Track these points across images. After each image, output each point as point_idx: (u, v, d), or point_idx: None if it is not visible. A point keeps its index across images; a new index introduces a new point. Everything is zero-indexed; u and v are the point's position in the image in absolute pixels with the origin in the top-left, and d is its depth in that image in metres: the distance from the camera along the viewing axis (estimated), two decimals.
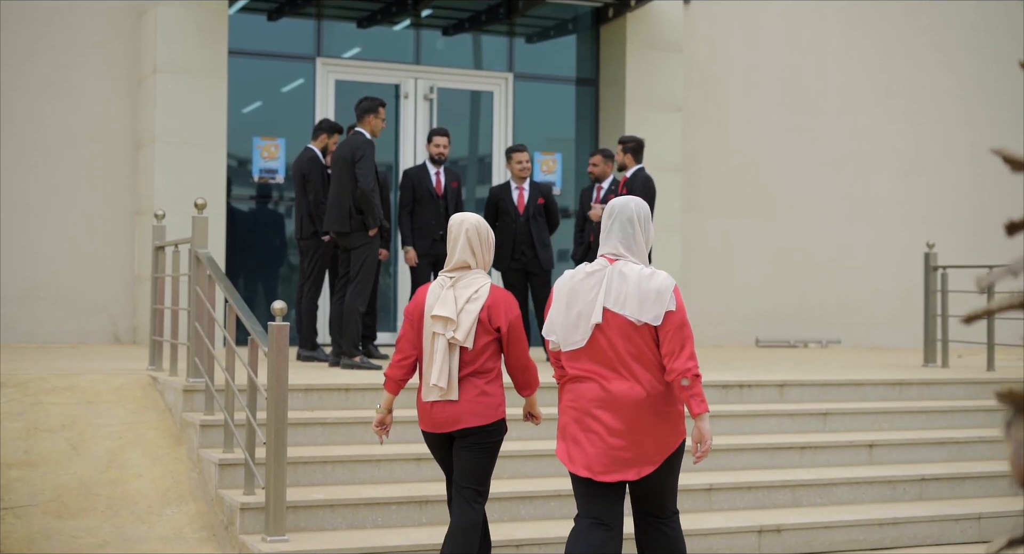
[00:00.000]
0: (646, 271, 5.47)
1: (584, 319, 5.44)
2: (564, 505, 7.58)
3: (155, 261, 9.45)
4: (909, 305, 16.10)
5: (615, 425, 5.38)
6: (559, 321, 5.52)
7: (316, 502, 7.19)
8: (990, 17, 17.30)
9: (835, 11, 16.42)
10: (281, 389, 6.73)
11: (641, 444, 5.38)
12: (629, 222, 5.55)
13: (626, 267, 5.47)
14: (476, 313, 5.83)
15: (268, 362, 6.75)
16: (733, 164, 15.84)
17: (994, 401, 10.18)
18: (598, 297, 5.43)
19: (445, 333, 5.83)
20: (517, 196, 11.47)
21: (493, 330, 5.87)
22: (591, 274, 5.52)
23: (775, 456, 8.73)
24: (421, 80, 14.12)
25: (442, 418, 5.88)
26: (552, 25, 14.92)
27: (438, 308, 5.85)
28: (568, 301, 5.51)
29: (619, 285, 5.43)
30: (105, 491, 7.46)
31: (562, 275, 5.66)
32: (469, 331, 5.82)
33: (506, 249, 11.38)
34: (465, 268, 5.96)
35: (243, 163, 13.53)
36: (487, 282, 5.95)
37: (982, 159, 17.15)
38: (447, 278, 5.98)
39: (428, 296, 5.96)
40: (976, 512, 8.31)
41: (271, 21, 13.62)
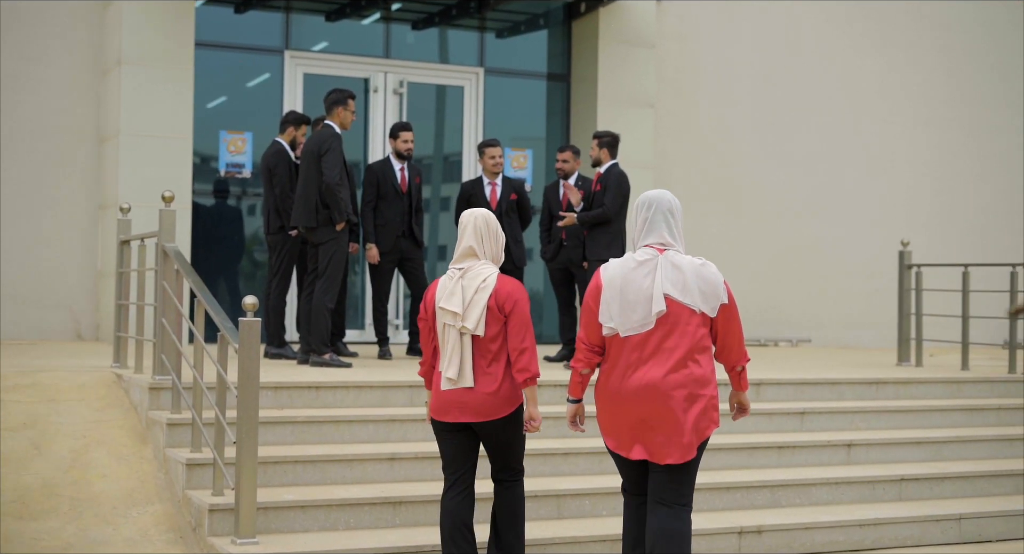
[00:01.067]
0: (696, 261, 5.74)
1: (641, 306, 5.64)
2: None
3: (120, 256, 9.24)
4: (879, 304, 16.05)
5: (653, 409, 5.60)
6: (616, 308, 5.69)
7: (287, 503, 7.00)
8: (959, 17, 17.25)
9: (807, 9, 16.33)
10: (252, 387, 6.54)
11: (686, 430, 5.62)
12: (670, 212, 5.80)
13: (676, 257, 5.72)
14: (485, 302, 6.03)
15: (239, 359, 6.55)
16: (703, 162, 15.72)
17: (972, 400, 10.11)
18: (655, 285, 5.64)
19: (455, 324, 6.03)
20: (490, 192, 11.29)
21: (503, 317, 6.05)
22: (642, 263, 5.72)
23: (753, 456, 8.60)
24: (391, 74, 13.92)
25: (460, 407, 6.06)
26: (523, 20, 14.75)
27: (445, 301, 6.07)
28: (623, 289, 5.69)
29: (675, 275, 5.68)
30: (68, 492, 7.24)
31: (607, 264, 5.82)
32: (479, 320, 6.01)
33: None
34: (472, 257, 6.16)
35: (209, 157, 13.27)
36: (494, 271, 6.13)
37: (950, 158, 17.11)
38: (456, 270, 6.16)
39: (438, 290, 6.16)
40: (956, 513, 8.21)
41: (238, 13, 13.38)
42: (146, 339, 8.64)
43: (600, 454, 8.09)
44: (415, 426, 8.16)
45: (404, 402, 8.54)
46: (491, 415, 6.07)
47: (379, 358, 11.07)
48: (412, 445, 7.95)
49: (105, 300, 12.52)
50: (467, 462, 6.26)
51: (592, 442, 8.26)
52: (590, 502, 7.71)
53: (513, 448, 6.25)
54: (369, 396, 8.50)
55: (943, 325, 12.83)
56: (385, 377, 8.81)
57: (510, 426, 6.15)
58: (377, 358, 11.07)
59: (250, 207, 13.55)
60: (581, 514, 7.66)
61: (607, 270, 5.80)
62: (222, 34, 13.27)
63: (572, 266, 10.96)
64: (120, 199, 12.30)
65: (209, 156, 13.25)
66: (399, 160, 11.22)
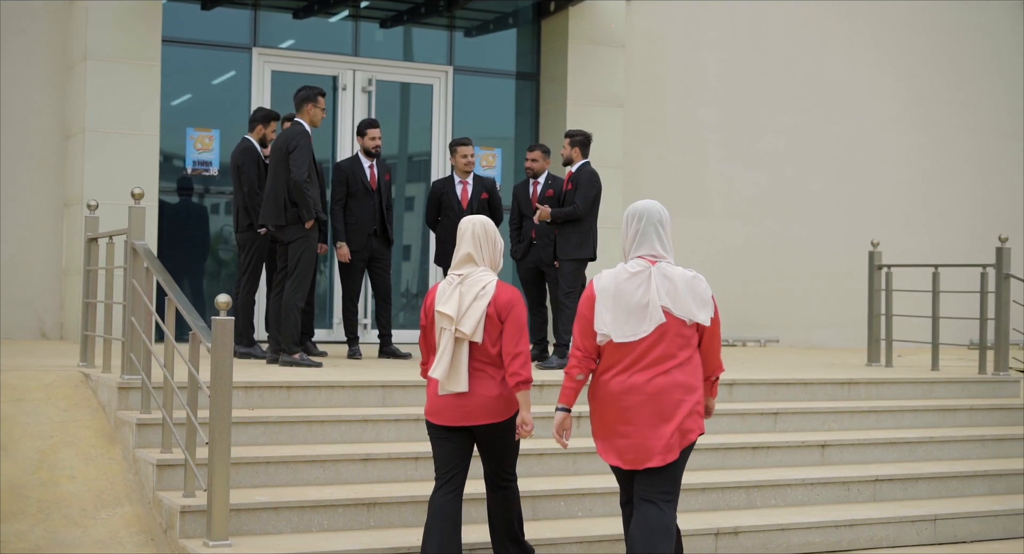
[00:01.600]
0: (688, 273, 5.91)
1: (636, 315, 5.81)
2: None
3: (87, 253, 9.11)
4: (846, 304, 16.08)
5: (640, 413, 5.77)
6: (609, 318, 5.84)
7: (259, 504, 6.90)
8: (926, 18, 17.30)
9: (774, 10, 16.33)
10: (225, 386, 6.43)
11: (670, 432, 5.76)
12: (660, 224, 5.96)
13: (668, 269, 5.90)
14: (483, 309, 6.09)
15: (212, 358, 6.44)
16: (672, 162, 15.70)
17: (943, 401, 10.11)
18: (651, 296, 5.82)
19: (450, 328, 6.09)
20: (461, 191, 11.21)
21: (501, 324, 6.12)
22: (635, 274, 5.88)
23: (728, 456, 8.56)
24: (359, 72, 13.82)
25: (455, 411, 6.14)
26: (493, 19, 14.67)
27: (441, 305, 6.14)
28: (615, 299, 5.86)
29: (668, 286, 5.85)
30: (36, 493, 7.11)
31: (599, 275, 5.98)
32: (476, 326, 6.07)
33: (449, 245, 11.10)
34: (470, 263, 6.23)
35: (176, 155, 13.11)
36: (493, 279, 6.20)
37: (918, 160, 17.16)
38: (455, 276, 6.23)
39: (437, 294, 6.24)
40: (932, 514, 8.21)
41: (206, 10, 13.23)
42: (114, 338, 8.50)
43: (574, 455, 8.05)
44: (388, 426, 8.08)
45: (376, 402, 8.46)
46: (489, 419, 6.14)
47: (349, 357, 10.98)
48: (385, 446, 7.87)
49: (70, 298, 12.36)
50: (461, 463, 6.30)
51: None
52: (564, 503, 7.65)
53: (508, 452, 6.34)
54: (340, 396, 8.41)
55: (911, 325, 12.85)
56: (356, 377, 8.72)
57: (507, 430, 6.22)
58: (347, 357, 10.98)
59: (215, 205, 13.41)
60: (556, 515, 7.59)
61: (600, 280, 5.95)
62: (190, 31, 13.12)
63: (543, 265, 10.89)
64: (86, 196, 12.14)
65: (176, 153, 13.09)
66: (368, 157, 11.12)
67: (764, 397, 9.61)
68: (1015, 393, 10.72)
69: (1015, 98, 17.80)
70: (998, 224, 17.42)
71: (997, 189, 17.65)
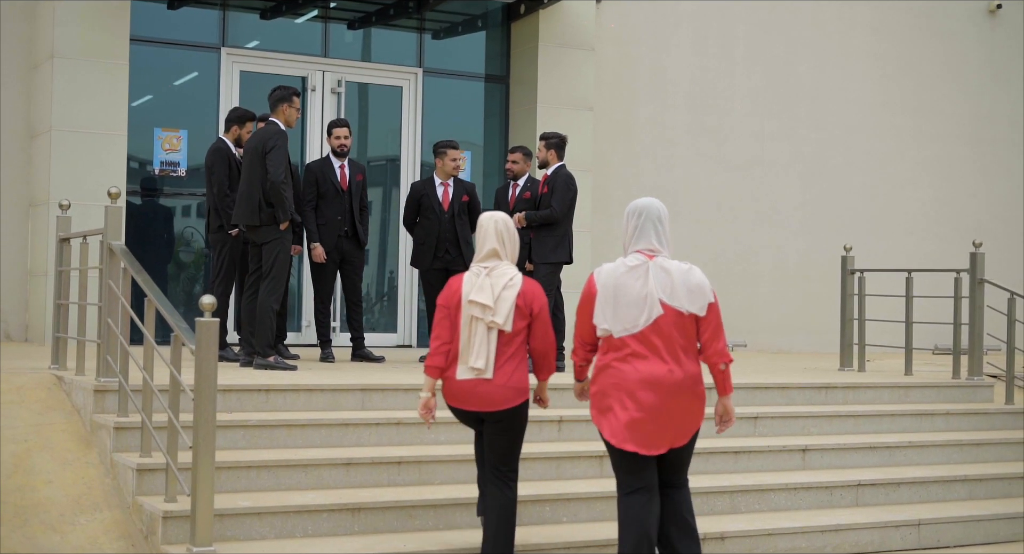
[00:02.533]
0: (683, 266, 6.20)
1: (634, 308, 6.06)
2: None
3: (59, 254, 8.94)
4: (813, 308, 16.11)
5: (656, 403, 6.00)
6: (609, 311, 6.11)
7: (243, 510, 6.77)
8: (891, 23, 17.37)
9: (741, 14, 16.35)
10: (210, 390, 6.29)
11: (676, 420, 6.06)
12: (659, 220, 6.25)
13: (666, 262, 6.19)
14: (513, 299, 6.38)
15: (196, 361, 6.30)
16: (640, 165, 15.67)
17: (919, 405, 10.12)
18: (649, 289, 6.08)
19: (484, 317, 6.33)
20: (442, 192, 11.12)
21: (527, 315, 6.42)
22: (633, 268, 6.15)
23: (710, 461, 8.51)
24: (329, 73, 13.69)
25: (475, 397, 6.36)
26: (462, 21, 14.59)
27: (475, 294, 6.37)
28: (616, 293, 6.11)
29: (664, 279, 6.12)
30: (12, 498, 6.95)
31: (599, 269, 6.23)
32: (508, 315, 6.35)
33: (428, 247, 11.02)
34: (495, 258, 6.52)
35: (143, 155, 12.92)
36: (518, 273, 6.51)
37: (883, 165, 17.21)
38: (481, 268, 6.49)
39: (464, 284, 6.47)
40: (915, 518, 8.19)
41: (172, 9, 13.04)
42: (88, 340, 8.35)
43: (557, 460, 7.98)
44: (368, 430, 7.97)
45: (355, 406, 8.35)
46: (503, 404, 6.36)
47: (321, 361, 10.85)
48: (367, 450, 7.76)
49: (35, 300, 12.17)
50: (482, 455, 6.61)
51: (549, 447, 8.16)
52: (550, 508, 7.57)
53: (515, 440, 6.51)
54: (319, 400, 8.28)
55: (878, 330, 12.82)
56: (335, 381, 8.59)
57: (517, 417, 6.44)
58: (319, 361, 10.85)
59: (185, 207, 13.24)
60: (541, 520, 7.50)
61: (600, 275, 6.20)
62: (158, 30, 12.95)
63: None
64: (52, 196, 11.98)
65: (143, 153, 12.90)
66: (338, 158, 11.01)
67: (743, 402, 9.54)
68: (988, 398, 10.74)
69: (977, 104, 17.90)
70: (959, 229, 17.54)
71: (957, 194, 17.74)
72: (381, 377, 8.95)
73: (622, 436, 6.06)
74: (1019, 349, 10.98)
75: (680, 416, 6.07)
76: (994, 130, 17.99)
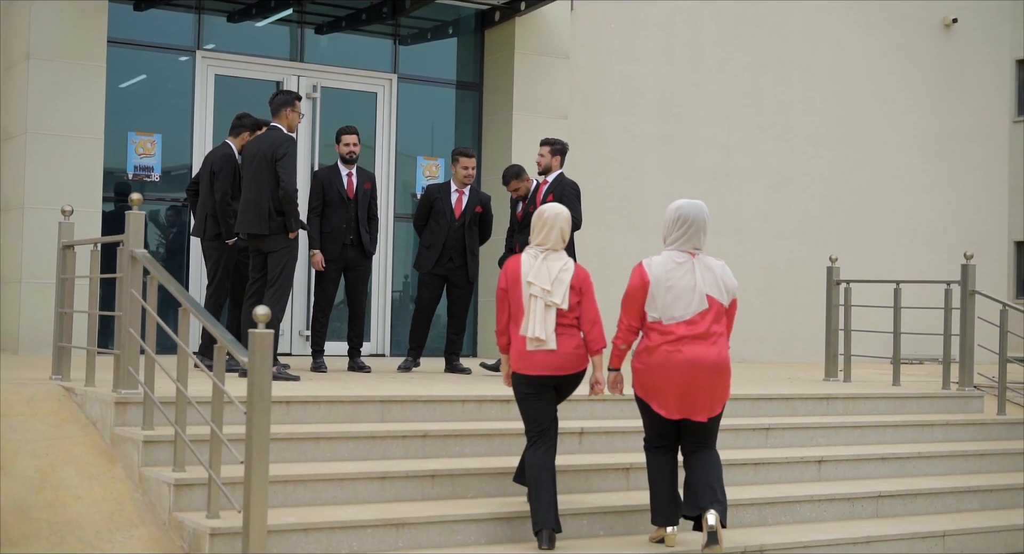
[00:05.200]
0: (719, 263, 7.15)
1: (684, 300, 6.96)
2: None
3: (62, 261, 8.66)
4: (780, 318, 16.19)
5: (701, 380, 6.94)
6: (660, 302, 6.99)
7: (288, 526, 6.60)
8: (852, 36, 17.55)
9: (709, 24, 16.41)
10: (264, 403, 6.11)
11: (717, 394, 7.03)
12: (705, 225, 7.10)
13: (708, 260, 7.11)
14: (568, 281, 7.15)
15: (250, 373, 6.11)
16: (611, 175, 15.64)
17: (919, 416, 10.18)
18: (697, 284, 6.98)
19: (544, 298, 7.07)
20: (455, 200, 11.01)
21: (579, 294, 7.17)
22: (680, 264, 7.05)
23: (731, 472, 8.42)
24: (304, 78, 13.50)
25: (545, 364, 7.06)
26: (437, 27, 14.47)
27: (534, 277, 7.13)
28: (667, 285, 6.99)
29: (709, 276, 7.05)
30: (44, 515, 6.70)
31: (647, 262, 7.08)
32: (564, 295, 7.11)
33: (433, 252, 10.89)
34: (552, 247, 7.24)
35: (116, 159, 12.60)
36: (570, 259, 7.27)
37: (847, 175, 17.37)
38: (538, 251, 7.24)
39: (523, 265, 7.21)
40: (940, 530, 8.24)
41: (138, 11, 12.74)
42: (98, 351, 8.11)
43: (586, 472, 7.90)
44: (395, 443, 7.82)
45: (376, 418, 8.20)
46: (573, 369, 7.12)
47: (312, 370, 10.64)
48: (398, 463, 7.63)
49: (8, 308, 11.82)
50: (549, 417, 7.18)
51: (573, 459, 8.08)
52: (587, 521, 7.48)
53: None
54: (340, 411, 8.13)
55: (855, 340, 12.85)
56: (355, 392, 8.44)
57: (578, 381, 7.24)
58: (311, 370, 10.64)
59: (155, 212, 12.93)
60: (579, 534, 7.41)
61: (652, 268, 7.06)
62: (132, 32, 12.67)
63: None
64: (26, 200, 11.69)
65: (116, 157, 12.58)
66: (345, 165, 10.85)
67: (750, 412, 9.58)
68: (979, 408, 10.84)
69: (935, 117, 18.14)
70: (914, 239, 17.77)
71: (916, 205, 17.96)
72: (400, 389, 8.82)
73: (672, 407, 7.00)
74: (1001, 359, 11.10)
75: (720, 390, 7.04)
76: (949, 142, 18.24)
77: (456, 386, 9.35)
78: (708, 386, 6.96)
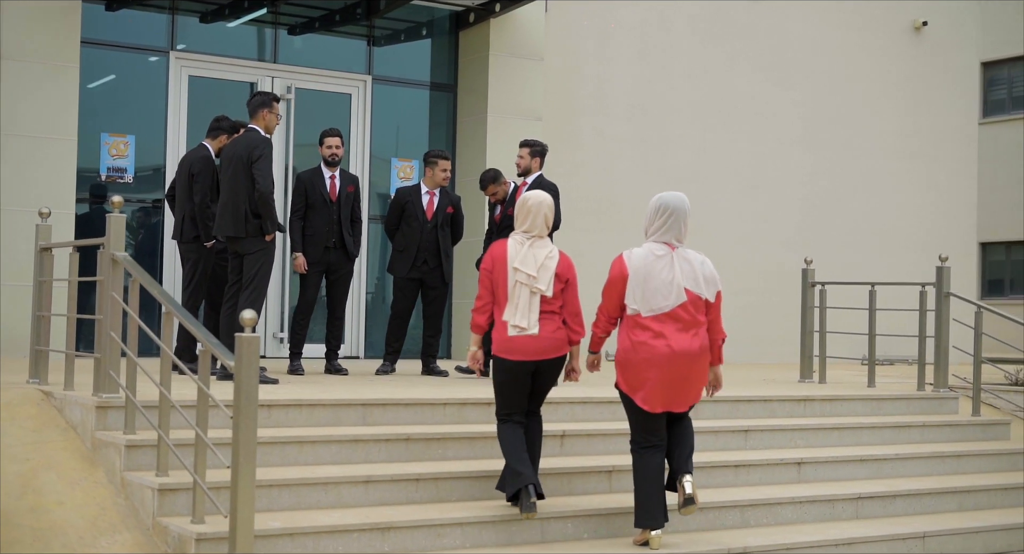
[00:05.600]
0: (699, 256, 7.25)
1: (662, 292, 7.05)
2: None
3: (39, 264, 8.59)
4: (746, 321, 16.23)
5: (682, 372, 7.06)
6: (639, 293, 7.09)
7: (275, 531, 6.56)
8: (825, 39, 17.63)
9: (682, 27, 16.46)
10: (251, 407, 6.08)
11: (695, 384, 7.18)
12: (685, 217, 7.25)
13: (687, 253, 7.22)
14: (553, 269, 7.33)
15: (236, 378, 6.08)
16: (584, 175, 15.66)
17: (896, 417, 10.24)
18: (676, 277, 7.08)
19: (529, 284, 7.24)
20: (427, 201, 10.98)
21: (563, 282, 7.36)
22: (660, 257, 7.15)
23: (712, 475, 8.50)
24: (278, 79, 13.46)
25: (527, 349, 7.22)
26: (411, 29, 14.45)
27: (519, 264, 7.29)
28: (646, 277, 7.09)
29: (687, 269, 7.13)
30: (27, 520, 6.65)
31: (628, 253, 7.19)
32: (549, 282, 7.29)
33: (408, 255, 10.86)
34: (537, 234, 7.39)
35: (89, 160, 12.51)
36: (555, 247, 7.46)
37: (819, 177, 17.46)
38: (524, 237, 7.38)
39: (509, 250, 7.35)
40: (921, 531, 8.27)
41: (112, 11, 12.66)
42: (79, 354, 8.05)
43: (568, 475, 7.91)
44: (378, 446, 7.80)
45: (358, 421, 8.17)
46: (554, 353, 7.29)
47: (289, 373, 10.59)
48: (382, 467, 7.60)
49: None
50: (523, 399, 7.35)
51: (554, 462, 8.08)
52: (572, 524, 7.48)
53: (553, 383, 7.50)
54: (321, 415, 8.09)
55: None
56: (336, 396, 8.40)
57: (561, 363, 7.40)
58: (288, 373, 10.60)
59: (130, 214, 12.84)
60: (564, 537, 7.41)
61: (632, 260, 7.16)
62: (106, 33, 12.59)
63: None
64: (1, 202, 11.56)
65: (89, 159, 12.49)
66: (328, 168, 10.81)
67: (729, 415, 9.62)
68: (954, 409, 10.91)
69: (906, 120, 18.26)
70: (885, 241, 17.87)
71: (886, 207, 18.07)
72: (380, 392, 8.80)
73: (655, 402, 7.08)
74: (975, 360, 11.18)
75: (698, 380, 7.19)
76: (920, 144, 18.36)
77: (436, 389, 9.33)
78: (690, 376, 7.11)
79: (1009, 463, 10.10)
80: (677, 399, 7.14)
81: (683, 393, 7.15)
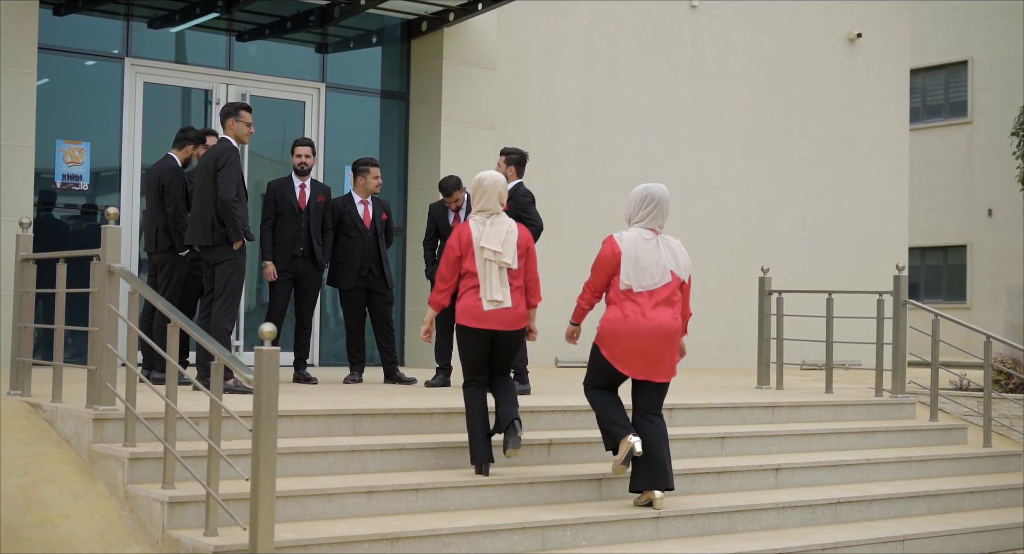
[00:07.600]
0: (677, 242, 8.03)
1: (650, 270, 7.78)
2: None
3: (20, 274, 8.51)
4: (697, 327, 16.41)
5: (662, 342, 7.76)
6: (632, 272, 7.79)
7: (288, 542, 6.57)
8: (763, 49, 17.92)
9: (626, 36, 16.63)
10: (271, 419, 6.11)
11: (672, 355, 7.87)
12: (666, 206, 7.97)
13: (668, 239, 7.97)
14: (515, 242, 8.01)
15: (256, 390, 6.11)
16: (532, 184, 15.64)
17: (858, 423, 10.47)
18: (663, 259, 7.82)
19: (495, 260, 7.88)
20: (363, 211, 11.03)
21: (524, 253, 8.07)
22: (647, 240, 7.88)
23: (696, 481, 8.65)
24: (232, 86, 13.41)
25: (499, 319, 7.90)
26: (363, 36, 14.46)
27: (486, 242, 7.92)
28: (637, 257, 7.80)
29: (670, 252, 7.90)
30: (35, 535, 6.60)
31: (618, 235, 7.93)
32: (513, 256, 7.97)
33: (351, 266, 10.91)
34: (492, 208, 8.04)
35: (45, 167, 12.36)
36: (512, 221, 8.13)
37: (754, 187, 17.73)
38: (483, 217, 8.04)
39: (473, 231, 7.99)
40: (900, 534, 8.47)
41: (59, 15, 12.51)
42: (71, 365, 7.99)
43: (561, 484, 8.00)
44: (373, 456, 7.84)
45: (349, 430, 8.21)
46: (517, 325, 7.99)
47: None
48: (380, 477, 7.65)
49: None
50: (484, 363, 8.01)
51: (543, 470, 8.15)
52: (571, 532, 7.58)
53: (519, 348, 8.27)
54: (313, 425, 8.12)
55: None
56: (325, 405, 8.43)
57: (523, 335, 8.12)
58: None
59: (85, 221, 12.70)
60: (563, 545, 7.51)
61: (623, 242, 7.88)
62: (60, 39, 12.45)
63: None
64: None
65: (44, 165, 12.34)
66: (299, 177, 10.81)
67: (702, 422, 9.77)
68: (911, 415, 11.19)
69: (841, 128, 18.62)
70: (824, 248, 18.21)
71: (822, 214, 18.41)
72: (370, 402, 8.85)
73: (637, 369, 7.78)
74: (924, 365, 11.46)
75: (674, 352, 7.88)
76: (854, 152, 18.73)
77: (421, 398, 9.39)
78: (670, 348, 7.80)
79: (969, 467, 10.38)
80: (658, 369, 7.80)
81: (664, 363, 7.80)
